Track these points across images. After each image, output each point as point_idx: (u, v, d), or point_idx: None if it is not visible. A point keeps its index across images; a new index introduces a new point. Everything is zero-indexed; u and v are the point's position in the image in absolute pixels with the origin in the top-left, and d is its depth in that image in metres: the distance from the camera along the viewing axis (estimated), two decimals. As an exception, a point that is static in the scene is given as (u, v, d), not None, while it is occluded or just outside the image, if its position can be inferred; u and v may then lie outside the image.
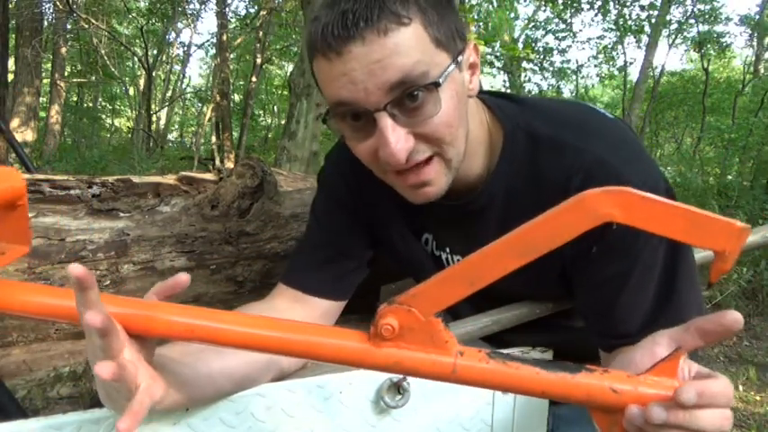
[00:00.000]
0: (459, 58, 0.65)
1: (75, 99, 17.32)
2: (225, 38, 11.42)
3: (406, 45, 0.60)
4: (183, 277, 0.54)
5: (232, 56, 14.41)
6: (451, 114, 0.64)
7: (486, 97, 0.79)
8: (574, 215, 0.42)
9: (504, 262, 0.44)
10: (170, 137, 20.34)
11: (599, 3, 12.34)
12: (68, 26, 10.56)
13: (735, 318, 0.47)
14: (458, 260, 0.84)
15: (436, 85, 0.62)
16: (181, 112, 22.14)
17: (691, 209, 0.40)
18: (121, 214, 1.02)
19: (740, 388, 2.77)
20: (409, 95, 0.61)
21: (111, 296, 0.52)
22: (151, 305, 0.51)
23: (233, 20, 13.62)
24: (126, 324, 0.49)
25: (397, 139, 0.62)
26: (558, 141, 0.71)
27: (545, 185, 0.72)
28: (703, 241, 0.41)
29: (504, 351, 0.50)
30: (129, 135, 16.64)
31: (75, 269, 0.45)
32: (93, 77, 14.36)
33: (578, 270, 0.74)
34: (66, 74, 12.40)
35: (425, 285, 0.46)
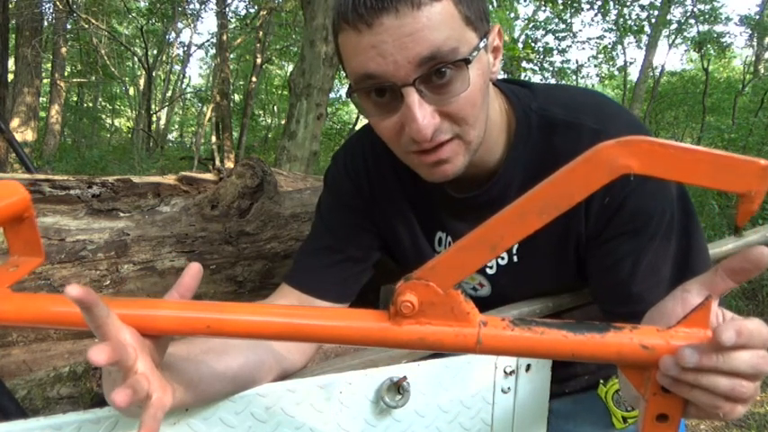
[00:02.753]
0: (486, 40, 0.65)
1: (75, 99, 17.33)
2: (225, 38, 11.43)
3: (438, 20, 0.59)
4: (195, 267, 0.54)
5: (232, 56, 14.41)
6: (477, 94, 0.65)
7: (500, 83, 0.79)
8: (590, 169, 0.40)
9: (524, 222, 0.43)
10: (170, 137, 20.35)
11: (599, 3, 12.34)
12: (68, 26, 10.57)
13: (761, 251, 0.46)
14: None
15: (466, 61, 0.61)
16: (181, 112, 22.15)
17: (710, 151, 0.38)
18: (121, 214, 1.02)
19: (740, 388, 2.77)
20: (438, 72, 0.61)
21: (123, 300, 0.51)
22: (166, 304, 0.51)
23: (233, 20, 13.62)
24: (141, 326, 0.49)
25: (424, 114, 0.62)
26: (574, 125, 0.71)
27: (561, 166, 0.72)
28: (727, 184, 0.39)
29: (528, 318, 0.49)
30: (129, 135, 16.65)
31: (72, 291, 0.42)
32: (93, 77, 14.36)
33: (593, 251, 0.74)
34: (66, 74, 12.41)
35: (443, 257, 0.45)
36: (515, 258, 0.81)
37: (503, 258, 0.82)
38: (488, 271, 0.84)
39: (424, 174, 0.71)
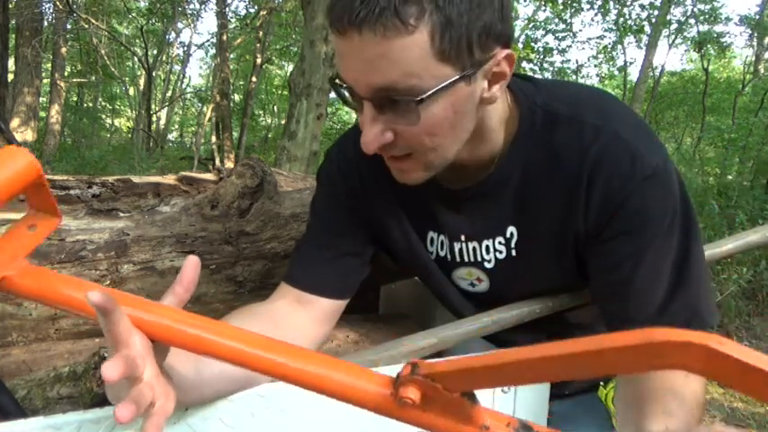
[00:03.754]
0: (471, 71, 0.62)
1: (75, 99, 17.33)
2: (225, 38, 11.43)
3: (401, 54, 0.57)
4: (193, 260, 0.53)
5: (232, 56, 14.41)
6: (438, 125, 0.63)
7: None
8: (643, 355, 0.35)
9: (551, 371, 0.39)
10: (170, 137, 20.35)
11: (599, 2, 12.35)
12: (68, 26, 10.57)
13: None
14: (473, 248, 0.83)
15: (418, 102, 0.60)
16: (181, 112, 22.15)
17: None
18: (121, 214, 1.02)
19: (740, 388, 2.77)
20: (391, 101, 0.61)
21: (138, 300, 0.50)
22: (166, 312, 0.50)
23: (233, 20, 13.62)
24: (151, 332, 0.49)
25: (372, 130, 0.63)
26: (576, 120, 0.71)
27: (561, 161, 0.72)
28: None
29: (534, 427, 0.45)
30: (129, 135, 16.66)
31: (93, 297, 0.43)
32: (93, 77, 14.36)
33: (593, 249, 0.74)
34: (66, 74, 12.41)
35: (453, 363, 0.42)
36: (514, 252, 0.80)
37: (501, 252, 0.82)
38: (487, 265, 0.84)
39: (394, 174, 0.73)
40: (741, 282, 3.56)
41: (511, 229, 0.79)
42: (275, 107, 19.90)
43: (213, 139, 12.39)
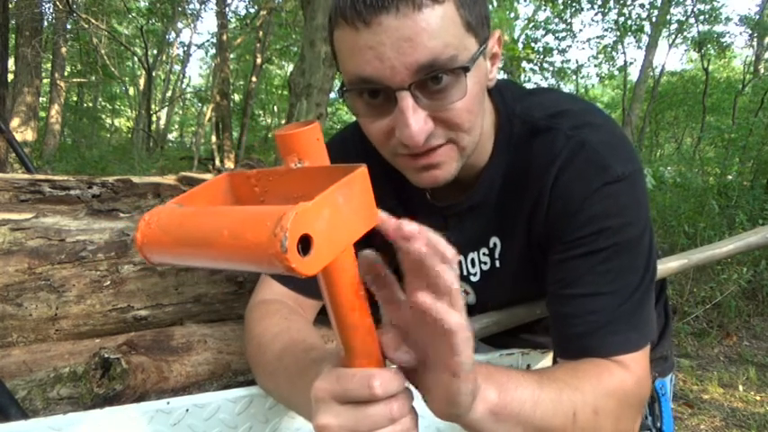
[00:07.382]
0: (485, 46, 0.64)
1: (75, 99, 17.32)
2: (225, 38, 11.42)
3: (438, 25, 0.57)
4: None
5: (232, 56, 14.41)
6: (473, 101, 0.63)
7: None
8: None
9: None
10: (170, 137, 20.36)
11: (599, 2, 12.34)
12: (68, 26, 10.56)
13: None
14: (459, 261, 0.83)
15: (465, 69, 0.60)
16: (181, 112, 22.15)
17: None
18: (121, 215, 1.02)
19: (740, 388, 2.77)
20: (435, 78, 0.59)
21: None
22: None
23: (233, 20, 13.63)
24: None
25: (417, 120, 0.60)
26: (552, 129, 0.70)
27: (533, 170, 0.71)
28: None
29: None
30: (129, 135, 16.66)
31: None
32: (93, 77, 14.36)
33: (552, 255, 0.71)
34: (66, 74, 12.40)
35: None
36: (497, 263, 0.80)
37: (485, 264, 0.81)
38: (473, 278, 0.83)
39: (413, 178, 0.69)
40: (741, 282, 3.55)
41: (494, 240, 0.79)
42: (275, 107, 19.92)
43: (213, 139, 12.38)
